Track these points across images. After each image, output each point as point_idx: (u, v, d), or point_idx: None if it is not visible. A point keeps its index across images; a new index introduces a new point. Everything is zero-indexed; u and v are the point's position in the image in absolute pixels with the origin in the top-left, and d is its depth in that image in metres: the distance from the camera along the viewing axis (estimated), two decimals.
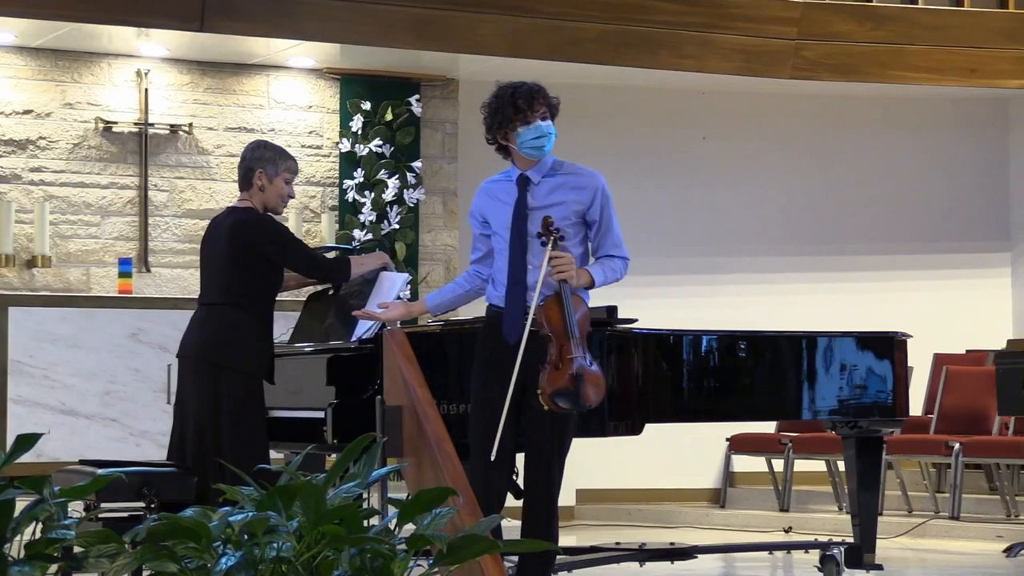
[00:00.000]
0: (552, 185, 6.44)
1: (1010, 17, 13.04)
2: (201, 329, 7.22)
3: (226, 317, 7.16)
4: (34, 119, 11.31)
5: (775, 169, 13.43)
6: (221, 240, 7.27)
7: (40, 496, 4.29)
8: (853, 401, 8.38)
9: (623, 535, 9.45)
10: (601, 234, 6.47)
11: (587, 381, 6.16)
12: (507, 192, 6.47)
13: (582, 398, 6.15)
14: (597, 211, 6.44)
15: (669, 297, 12.00)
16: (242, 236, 7.18)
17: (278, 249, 7.21)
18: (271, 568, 3.99)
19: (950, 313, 13.28)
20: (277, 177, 7.27)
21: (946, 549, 10.49)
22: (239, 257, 7.17)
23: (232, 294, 7.17)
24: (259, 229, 7.22)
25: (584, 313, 6.29)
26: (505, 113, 6.41)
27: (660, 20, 11.98)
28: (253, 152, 7.36)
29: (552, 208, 6.38)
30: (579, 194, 6.43)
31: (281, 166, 7.30)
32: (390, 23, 11.31)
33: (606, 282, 6.47)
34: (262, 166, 7.26)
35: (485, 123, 6.51)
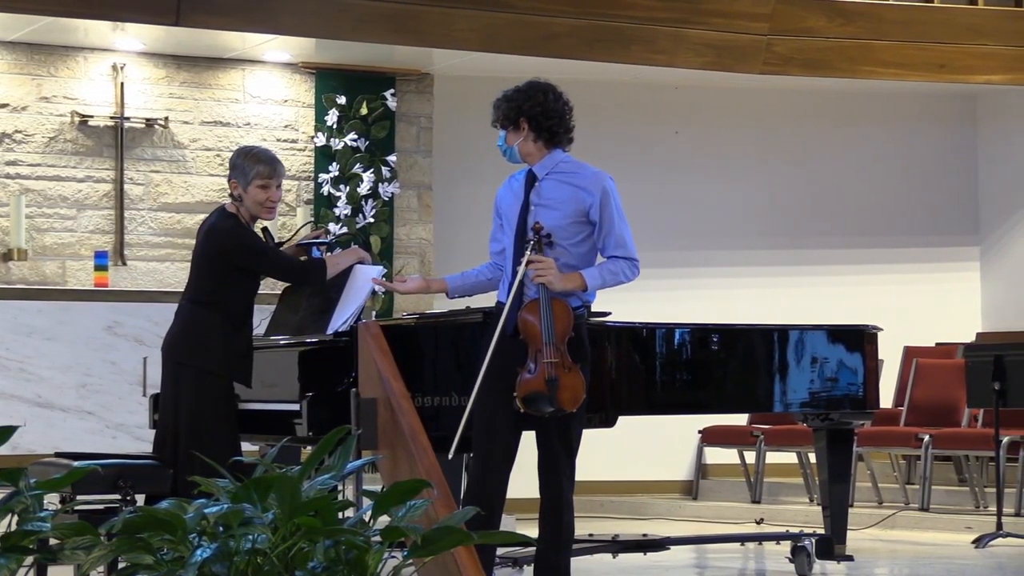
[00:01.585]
0: (555, 183, 6.48)
1: (978, 13, 13.07)
2: (172, 326, 7.22)
3: (192, 315, 7.14)
4: (10, 113, 11.27)
5: (747, 163, 13.45)
6: (199, 240, 7.25)
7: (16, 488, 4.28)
8: (824, 393, 8.41)
9: (596, 527, 9.46)
10: (604, 235, 6.46)
11: (562, 386, 6.16)
12: (521, 187, 6.53)
13: (556, 402, 6.16)
14: (598, 211, 6.43)
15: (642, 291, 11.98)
16: (214, 243, 7.12)
17: (248, 260, 7.12)
18: (246, 560, 3.98)
19: (920, 306, 13.32)
20: (249, 186, 7.08)
21: (916, 540, 10.52)
22: (211, 262, 7.13)
23: (202, 293, 7.15)
24: (229, 239, 7.09)
25: (565, 320, 6.27)
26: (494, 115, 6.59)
27: (633, 16, 11.99)
28: (231, 160, 7.27)
29: (554, 206, 6.41)
30: (580, 193, 6.44)
31: (251, 173, 7.08)
32: (365, 18, 11.30)
33: (605, 285, 6.46)
34: (235, 176, 7.13)
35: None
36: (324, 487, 4.24)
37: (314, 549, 4.06)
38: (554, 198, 6.44)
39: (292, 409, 7.03)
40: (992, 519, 10.35)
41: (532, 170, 6.49)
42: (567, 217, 6.41)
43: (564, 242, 6.41)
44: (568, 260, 6.41)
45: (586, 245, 6.48)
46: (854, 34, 12.64)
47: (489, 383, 6.33)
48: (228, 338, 7.10)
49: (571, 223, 6.42)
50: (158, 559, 4.02)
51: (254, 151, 7.29)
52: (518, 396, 6.17)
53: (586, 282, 6.39)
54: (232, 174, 7.17)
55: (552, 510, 6.38)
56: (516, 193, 6.53)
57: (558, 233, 6.38)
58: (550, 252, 6.32)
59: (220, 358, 7.06)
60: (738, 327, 8.32)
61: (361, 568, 4.10)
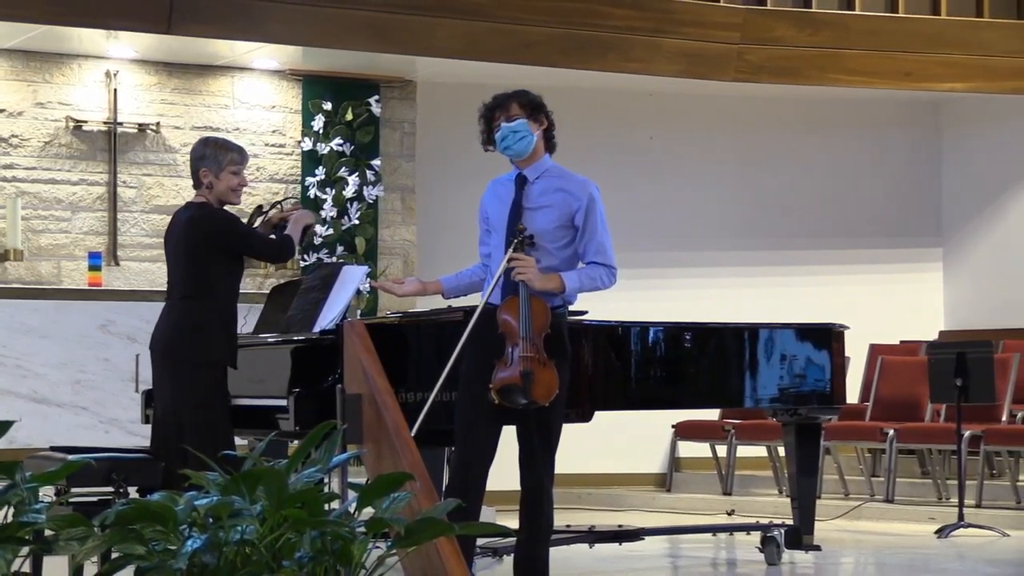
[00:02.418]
0: (544, 187, 6.49)
1: (942, 23, 13.11)
2: (165, 323, 7.21)
3: (186, 311, 7.15)
4: (6, 118, 11.24)
5: (719, 168, 13.46)
6: (178, 236, 7.27)
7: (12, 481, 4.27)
8: (793, 389, 8.43)
9: (574, 518, 9.46)
10: (585, 240, 6.48)
11: (536, 380, 6.18)
12: (508, 192, 6.53)
13: (530, 396, 6.18)
14: (582, 217, 6.45)
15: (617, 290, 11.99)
16: (195, 231, 7.18)
17: (232, 240, 7.19)
18: (235, 550, 3.98)
19: (885, 306, 13.35)
20: (222, 171, 7.20)
21: (881, 531, 10.54)
22: (195, 252, 7.16)
23: (191, 288, 7.16)
24: (209, 222, 7.20)
25: (542, 317, 6.29)
26: (485, 120, 6.53)
27: (609, 25, 12.01)
28: (196, 151, 7.35)
29: (542, 209, 6.43)
30: (568, 198, 6.45)
31: (224, 160, 7.22)
32: (351, 26, 11.30)
33: (582, 289, 6.48)
34: (206, 164, 7.24)
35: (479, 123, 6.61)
36: (311, 480, 4.24)
37: (301, 540, 4.06)
38: (544, 201, 6.46)
39: (280, 404, 7.03)
40: (954, 510, 10.37)
41: (523, 173, 6.50)
42: (554, 221, 6.43)
43: (550, 245, 6.42)
44: (551, 263, 6.42)
45: (570, 249, 6.50)
46: (822, 43, 12.67)
47: (469, 377, 6.34)
48: (223, 329, 7.13)
49: (558, 227, 6.44)
50: (150, 550, 4.01)
51: (220, 141, 7.42)
52: (494, 388, 6.20)
53: (564, 284, 6.40)
54: (202, 163, 7.24)
55: (532, 503, 6.40)
56: (503, 197, 6.53)
57: (545, 236, 6.40)
58: (532, 253, 6.34)
59: (217, 350, 7.09)
60: (710, 326, 8.33)
61: (346, 558, 4.10)
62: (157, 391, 7.21)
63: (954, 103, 13.81)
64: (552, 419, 6.37)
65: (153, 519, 4.04)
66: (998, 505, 10.93)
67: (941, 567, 8.96)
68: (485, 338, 6.31)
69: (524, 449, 6.39)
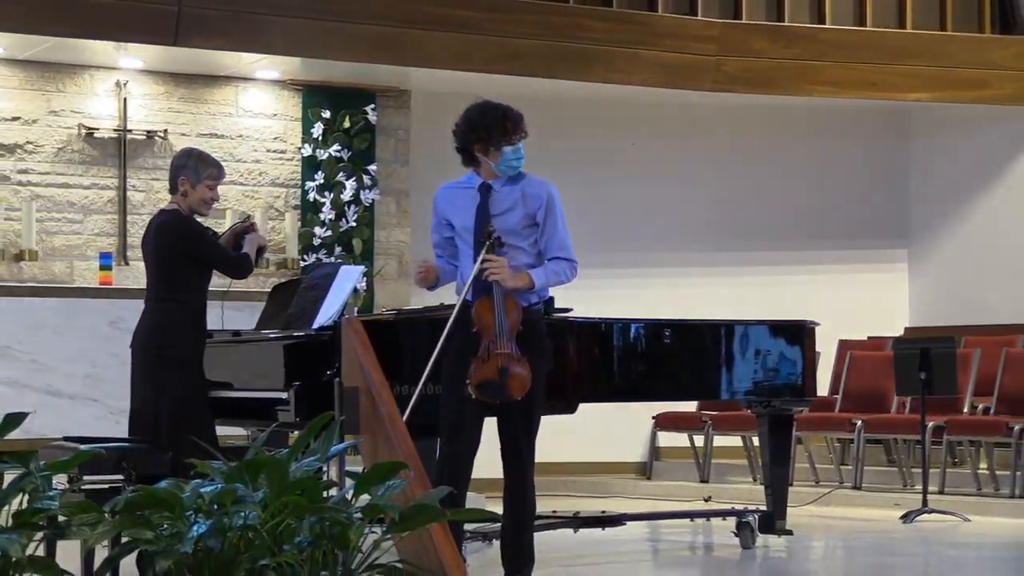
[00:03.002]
0: (509, 193, 6.50)
1: (908, 36, 13.12)
2: (143, 324, 7.27)
3: (160, 313, 7.19)
4: (22, 125, 11.23)
5: (697, 173, 13.45)
6: (151, 241, 7.32)
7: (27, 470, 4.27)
8: (766, 383, 8.43)
9: (559, 504, 9.46)
10: (546, 237, 6.49)
11: (512, 376, 6.21)
12: (468, 197, 6.52)
13: (507, 390, 6.20)
14: (543, 214, 6.47)
15: (602, 289, 12.01)
16: (166, 236, 7.23)
17: (198, 249, 7.23)
18: (239, 535, 3.98)
19: (854, 304, 13.35)
20: (199, 184, 7.23)
21: (849, 516, 10.55)
22: (166, 256, 7.21)
23: (164, 290, 7.20)
24: (175, 229, 7.23)
25: (515, 314, 6.31)
26: (495, 131, 6.47)
27: (593, 38, 12.02)
28: (179, 160, 7.39)
29: (509, 213, 6.45)
30: (530, 200, 6.47)
31: (203, 173, 7.26)
32: (348, 39, 11.31)
33: (548, 284, 6.50)
34: (185, 173, 7.27)
35: (465, 133, 6.52)
36: (310, 468, 4.25)
37: (301, 525, 4.06)
38: (509, 204, 6.48)
39: (281, 397, 7.04)
40: (918, 496, 10.39)
41: (488, 183, 6.51)
42: (521, 221, 6.46)
43: (521, 243, 6.45)
44: (525, 259, 6.45)
45: (537, 247, 6.52)
46: (795, 55, 12.68)
47: (452, 373, 6.35)
48: (192, 329, 7.17)
49: (525, 226, 6.46)
50: (158, 534, 4.02)
51: (202, 154, 7.45)
52: (471, 383, 6.22)
53: (533, 280, 6.42)
54: (182, 171, 7.28)
55: (516, 491, 6.42)
56: (462, 204, 6.52)
57: (514, 236, 6.42)
58: (502, 253, 6.35)
59: (192, 347, 7.13)
60: (688, 323, 8.34)
61: (344, 542, 4.10)
62: (134, 386, 7.26)
63: (920, 112, 13.82)
64: (534, 412, 6.39)
65: (160, 505, 4.04)
66: (960, 492, 10.95)
67: (906, 550, 8.97)
68: (466, 335, 6.32)
69: (507, 441, 6.40)
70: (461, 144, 6.54)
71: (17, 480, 4.27)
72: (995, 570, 8.13)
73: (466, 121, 6.54)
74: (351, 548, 4.08)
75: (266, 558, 3.95)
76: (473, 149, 6.50)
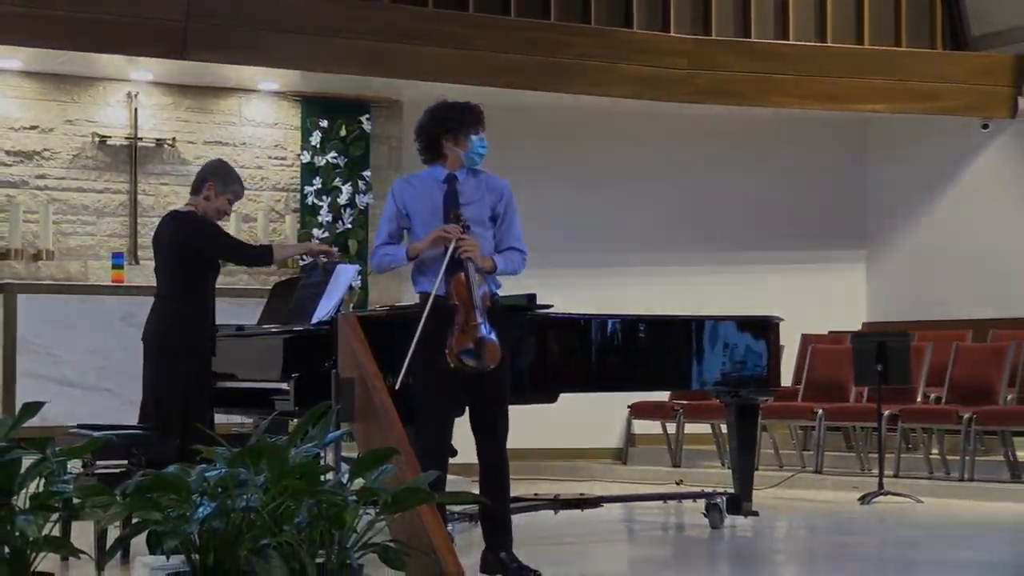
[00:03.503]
0: (474, 185, 6.55)
1: (865, 52, 13.14)
2: (155, 318, 7.27)
3: (172, 308, 7.19)
4: (39, 133, 11.21)
5: (671, 178, 13.45)
6: (165, 240, 7.32)
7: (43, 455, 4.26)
8: (734, 374, 8.43)
9: (540, 487, 9.45)
10: (504, 229, 6.55)
11: (487, 346, 6.24)
12: (432, 188, 6.54)
13: (483, 358, 6.21)
14: (503, 208, 6.54)
15: (582, 286, 12.01)
16: (182, 235, 7.24)
17: (210, 243, 7.25)
18: (241, 516, 3.98)
19: (815, 300, 13.36)
20: (223, 194, 7.33)
21: (811, 498, 10.56)
22: (179, 253, 7.22)
23: (176, 286, 7.21)
24: (195, 228, 7.28)
25: (485, 290, 6.36)
26: (465, 120, 6.53)
27: (573, 53, 12.02)
28: (212, 166, 7.42)
29: (473, 204, 6.49)
30: (493, 194, 6.54)
31: (229, 187, 7.37)
32: (345, 54, 11.31)
33: (505, 270, 6.54)
34: (214, 179, 7.31)
35: (433, 126, 6.56)
36: (308, 454, 4.24)
37: (299, 507, 4.06)
38: (475, 196, 6.53)
39: (281, 387, 7.03)
40: (875, 480, 10.40)
41: (454, 173, 6.54)
42: (485, 212, 6.51)
43: (484, 232, 6.47)
44: (486, 247, 6.48)
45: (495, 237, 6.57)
46: (761, 69, 12.68)
47: (428, 362, 6.31)
48: (203, 323, 7.17)
49: (487, 217, 6.51)
50: (166, 516, 4.01)
51: (233, 171, 7.53)
52: (451, 353, 6.23)
53: (496, 264, 6.46)
54: (212, 178, 7.30)
55: (495, 469, 6.42)
56: (425, 194, 6.53)
57: (479, 225, 6.46)
58: (471, 235, 6.38)
59: (201, 341, 7.14)
60: (662, 318, 8.34)
61: (340, 523, 4.10)
62: (145, 377, 7.28)
63: (877, 122, 13.85)
64: (504, 389, 6.42)
65: (168, 489, 4.04)
66: (913, 475, 10.97)
67: (864, 530, 8.98)
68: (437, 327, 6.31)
69: (481, 419, 6.40)
70: (429, 138, 6.58)
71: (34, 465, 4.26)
72: (946, 548, 8.15)
73: (432, 117, 6.61)
74: (347, 528, 4.08)
75: (267, 538, 3.95)
76: (442, 140, 6.51)
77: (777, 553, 8.43)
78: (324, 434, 4.37)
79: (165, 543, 3.97)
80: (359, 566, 4.04)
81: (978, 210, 13.43)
